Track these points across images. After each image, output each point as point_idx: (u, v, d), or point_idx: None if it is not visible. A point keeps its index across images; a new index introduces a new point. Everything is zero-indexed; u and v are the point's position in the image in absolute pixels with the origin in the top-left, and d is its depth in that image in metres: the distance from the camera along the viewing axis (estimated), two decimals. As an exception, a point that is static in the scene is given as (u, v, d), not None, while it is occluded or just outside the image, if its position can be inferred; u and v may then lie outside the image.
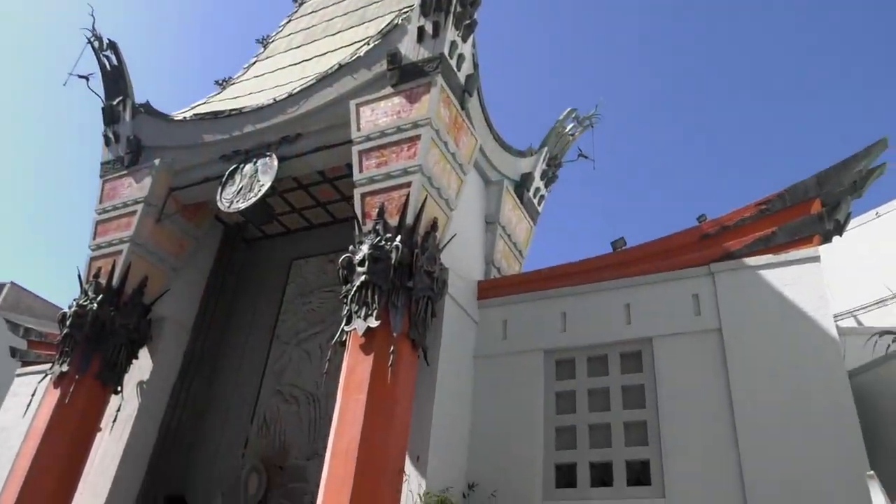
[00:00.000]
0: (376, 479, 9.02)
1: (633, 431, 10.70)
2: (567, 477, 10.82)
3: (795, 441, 9.30)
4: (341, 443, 9.38)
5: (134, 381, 14.06)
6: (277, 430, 13.88)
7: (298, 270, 16.23)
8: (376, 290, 10.31)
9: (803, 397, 9.56)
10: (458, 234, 12.21)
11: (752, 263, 10.92)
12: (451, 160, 12.11)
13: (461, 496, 10.33)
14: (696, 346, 10.74)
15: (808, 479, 8.93)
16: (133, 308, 13.95)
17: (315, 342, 14.66)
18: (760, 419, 9.67)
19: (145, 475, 13.46)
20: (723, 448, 9.74)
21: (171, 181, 14.87)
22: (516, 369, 11.87)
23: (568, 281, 12.35)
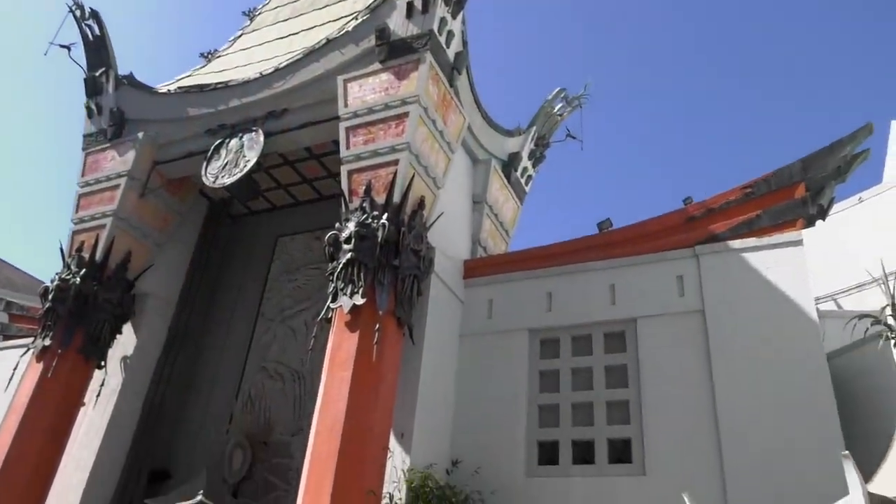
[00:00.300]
0: (361, 456, 9.10)
1: (615, 410, 10.84)
2: (549, 454, 10.97)
3: (774, 421, 9.47)
4: (326, 419, 9.43)
5: (118, 356, 14.01)
6: (262, 407, 13.91)
7: (284, 247, 16.16)
8: (362, 268, 10.30)
9: (783, 378, 9.72)
10: (444, 212, 12.19)
11: (736, 246, 11.02)
12: (438, 138, 12.06)
13: (445, 473, 10.44)
14: (679, 326, 10.86)
15: (785, 459, 9.11)
16: (116, 283, 13.85)
17: (300, 319, 14.66)
18: (740, 399, 9.83)
19: (129, 449, 13.48)
20: (703, 427, 9.90)
21: (155, 155, 14.69)
22: (501, 348, 11.96)
23: (554, 261, 12.41)
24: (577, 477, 10.46)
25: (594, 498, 10.11)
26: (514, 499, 10.25)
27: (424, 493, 9.67)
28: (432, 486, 9.77)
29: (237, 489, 12.82)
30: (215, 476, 12.82)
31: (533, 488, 10.48)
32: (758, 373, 9.91)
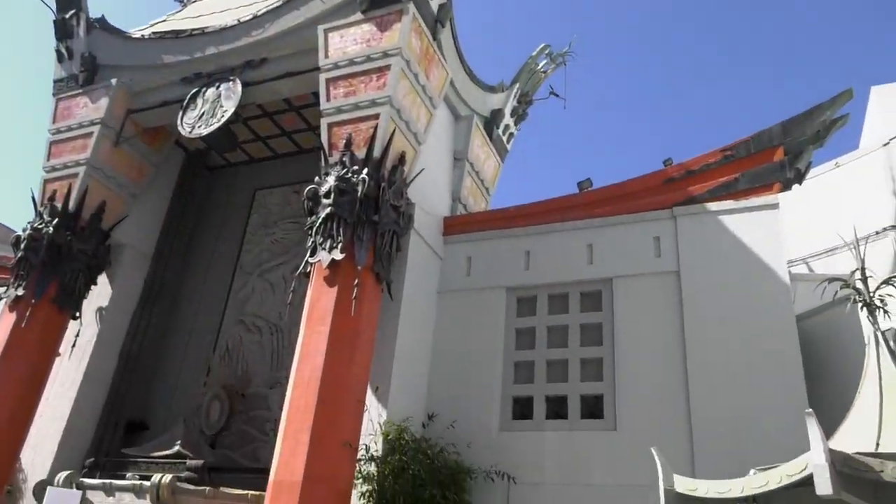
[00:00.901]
0: (338, 409, 9.21)
1: (588, 368, 11.05)
2: (524, 409, 11.20)
3: (742, 380, 9.74)
4: (304, 372, 9.49)
5: (93, 307, 13.90)
6: (240, 359, 13.96)
7: (262, 200, 16.00)
8: (341, 223, 10.25)
9: (752, 339, 9.95)
10: (425, 168, 12.11)
11: (714, 208, 11.12)
12: (420, 93, 11.88)
13: (421, 426, 10.62)
14: (654, 287, 11.02)
15: (751, 416, 9.40)
16: (91, 233, 13.65)
17: (278, 273, 14.62)
18: (710, 359, 10.07)
19: (106, 400, 13.50)
20: (673, 385, 10.15)
21: (128, 103, 14.32)
22: (479, 305, 12.06)
23: (533, 220, 12.44)
24: (549, 431, 10.71)
25: (566, 452, 10.38)
26: (489, 452, 10.48)
27: (400, 446, 9.84)
28: (408, 439, 9.94)
29: (215, 440, 12.93)
30: (193, 427, 12.92)
31: (507, 442, 10.72)
32: (729, 333, 10.13)
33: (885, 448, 5.90)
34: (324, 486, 8.70)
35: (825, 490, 5.05)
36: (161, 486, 9.97)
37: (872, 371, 6.88)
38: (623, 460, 9.82)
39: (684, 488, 6.48)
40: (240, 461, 12.48)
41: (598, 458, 10.13)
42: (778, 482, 5.60)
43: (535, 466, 10.40)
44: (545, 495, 10.15)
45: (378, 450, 9.86)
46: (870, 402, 6.65)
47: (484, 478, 10.12)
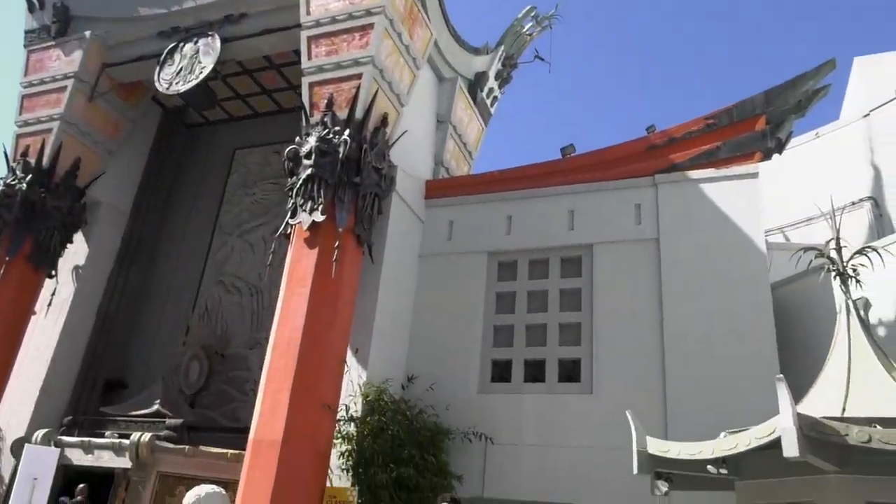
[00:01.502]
0: (318, 370, 9.25)
1: (567, 332, 11.19)
2: (502, 372, 11.34)
3: (716, 346, 9.93)
4: (284, 334, 9.50)
5: (69, 265, 13.73)
6: (219, 319, 13.93)
7: (242, 160, 15.78)
8: (322, 184, 10.15)
9: (728, 306, 10.12)
10: (408, 131, 11.99)
11: (695, 177, 11.18)
12: (404, 53, 11.69)
13: (400, 388, 10.72)
14: (633, 254, 11.11)
15: (724, 382, 9.61)
16: (66, 190, 13.39)
17: (258, 234, 14.51)
18: (686, 325, 10.24)
19: (83, 359, 13.43)
20: (649, 350, 10.33)
21: (103, 56, 13.92)
22: (459, 269, 12.09)
23: (515, 185, 12.42)
24: (527, 394, 10.88)
25: (543, 414, 10.57)
26: (467, 413, 10.63)
27: (380, 407, 9.94)
28: (387, 401, 10.04)
29: (194, 400, 12.98)
30: (171, 387, 12.93)
31: (485, 404, 10.87)
32: (705, 300, 10.29)
33: (850, 413, 6.09)
34: (303, 446, 8.79)
35: (791, 452, 5.21)
36: (140, 444, 10.03)
37: (842, 339, 7.05)
38: (599, 423, 10.03)
39: (657, 450, 6.65)
40: (219, 420, 12.55)
41: (574, 420, 10.33)
42: (747, 444, 5.77)
43: (513, 428, 10.58)
44: (522, 456, 10.36)
45: (357, 410, 9.96)
46: (838, 369, 6.83)
47: (462, 439, 10.29)
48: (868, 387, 6.46)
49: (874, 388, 6.42)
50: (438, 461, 9.90)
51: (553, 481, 10.02)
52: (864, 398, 6.33)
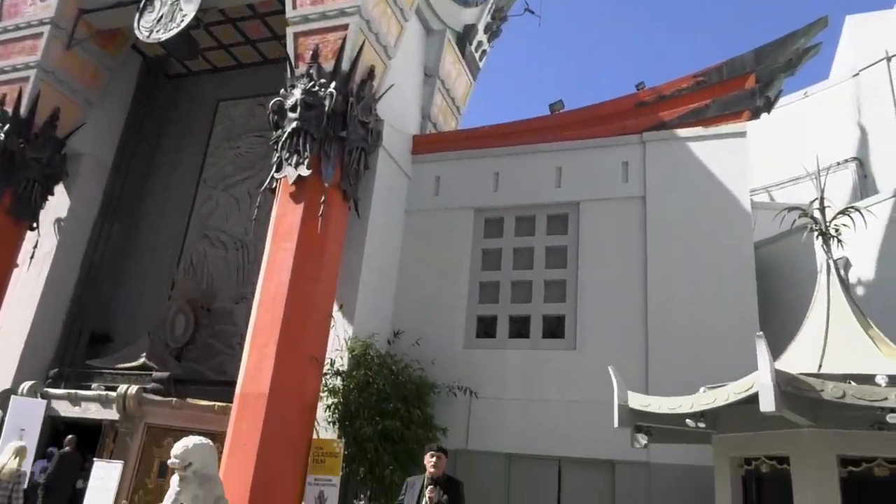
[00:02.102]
0: (304, 324, 9.29)
1: (552, 289, 11.29)
2: (487, 328, 11.46)
3: (698, 304, 10.07)
4: (269, 288, 9.50)
5: (51, 217, 13.55)
6: (205, 274, 13.89)
7: (226, 112, 15.49)
8: (308, 138, 10.02)
9: (711, 264, 10.24)
10: (395, 84, 11.80)
11: (683, 135, 11.15)
12: (391, 3, 11.40)
13: (386, 342, 10.82)
14: (620, 212, 11.15)
15: (705, 339, 9.78)
16: (45, 141, 13.11)
17: (243, 188, 14.36)
18: (670, 282, 10.36)
19: (68, 312, 13.39)
20: (632, 307, 10.46)
21: (80, 2, 13.46)
22: (446, 225, 12.08)
23: (502, 141, 12.33)
24: (512, 350, 11.02)
25: (527, 369, 10.73)
26: (452, 368, 10.77)
27: (366, 361, 10.05)
28: (373, 355, 10.15)
29: (180, 353, 13.02)
30: (157, 340, 12.95)
31: (470, 359, 11.01)
32: (689, 259, 10.39)
33: (826, 370, 6.24)
34: (290, 399, 8.89)
35: (768, 407, 5.34)
36: (127, 396, 10.08)
37: (821, 298, 7.17)
38: (581, 378, 10.21)
39: (638, 404, 6.79)
40: (206, 374, 12.62)
41: (557, 375, 10.50)
42: (725, 399, 5.90)
43: (497, 382, 10.75)
44: (506, 410, 10.55)
45: (344, 365, 10.06)
46: (816, 327, 6.96)
47: (447, 393, 10.45)
48: (844, 345, 6.60)
49: (850, 346, 6.56)
50: (423, 414, 10.06)
51: (536, 434, 10.24)
52: (840, 355, 6.47)
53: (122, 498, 9.21)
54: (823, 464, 5.98)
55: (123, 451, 9.89)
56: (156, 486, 9.78)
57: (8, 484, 6.29)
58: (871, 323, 6.88)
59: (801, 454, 6.13)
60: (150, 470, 10.00)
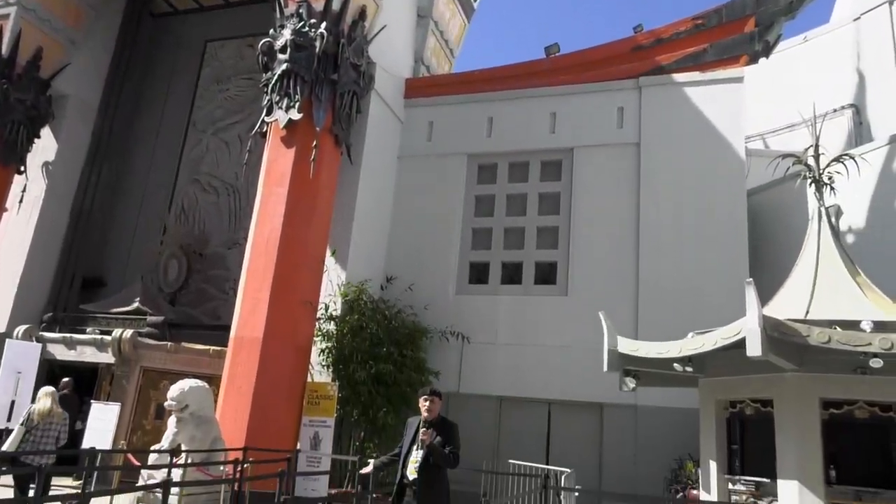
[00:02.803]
0: (297, 269, 9.30)
1: (545, 236, 11.32)
2: (480, 274, 11.54)
3: (690, 250, 10.14)
4: (262, 234, 9.47)
5: (38, 161, 13.35)
6: (196, 219, 13.82)
7: (214, 53, 15.13)
8: (298, 81, 9.81)
9: (704, 211, 10.26)
10: (387, 25, 11.50)
11: (679, 80, 11.00)
12: (383, -60, 11.03)
13: (379, 288, 10.88)
14: (614, 158, 11.08)
15: (695, 285, 9.89)
16: (30, 82, 12.80)
17: (233, 132, 14.15)
18: (662, 229, 10.40)
19: (60, 256, 13.34)
20: (624, 254, 10.52)
21: (59, -65, 12.95)
22: (439, 171, 12.00)
23: (497, 85, 12.14)
24: (504, 296, 11.12)
25: (519, 314, 10.86)
26: (445, 313, 10.88)
27: (359, 306, 10.13)
28: (366, 300, 10.22)
29: (174, 298, 13.08)
30: (151, 285, 12.98)
31: (462, 304, 11.12)
32: (682, 205, 10.40)
33: (813, 316, 6.33)
34: (284, 343, 8.98)
35: (755, 352, 5.45)
36: (122, 340, 10.16)
37: (812, 245, 7.23)
38: (572, 323, 10.34)
39: (627, 349, 6.91)
40: (200, 318, 12.71)
41: (548, 321, 10.63)
42: (713, 344, 6.01)
43: (489, 328, 10.89)
44: (497, 354, 10.72)
45: (337, 310, 10.14)
46: (805, 274, 7.04)
47: (440, 337, 10.59)
48: (832, 291, 6.69)
49: (837, 293, 6.65)
50: (416, 358, 10.22)
51: (526, 378, 10.44)
52: (827, 302, 6.57)
53: (120, 438, 9.38)
54: (806, 406, 6.15)
55: (120, 394, 10.02)
56: (153, 427, 9.97)
57: (56, 425, 6.59)
58: (858, 270, 6.96)
59: (784, 397, 6.29)
60: (148, 412, 10.16)
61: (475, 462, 8.99)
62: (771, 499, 6.21)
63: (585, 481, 9.20)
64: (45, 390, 7.04)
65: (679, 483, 8.28)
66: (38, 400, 6.89)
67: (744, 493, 6.50)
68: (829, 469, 6.04)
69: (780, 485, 6.13)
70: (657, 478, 8.91)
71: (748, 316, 5.56)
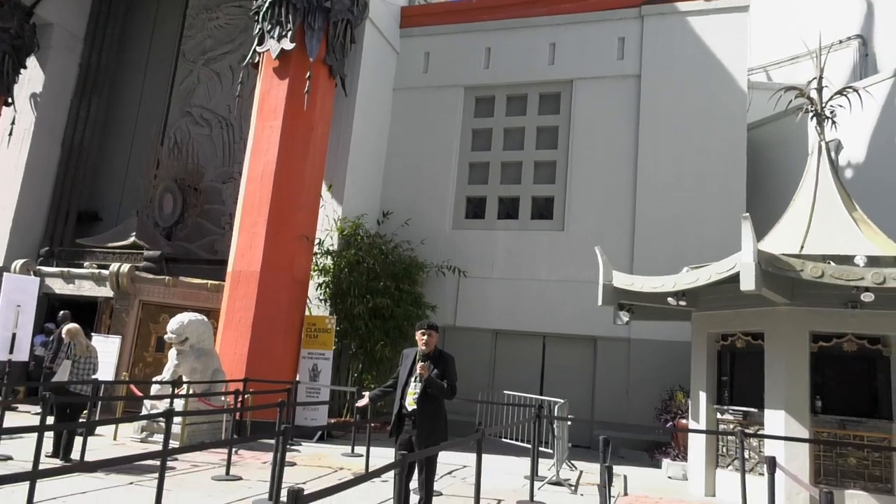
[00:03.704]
0: (293, 203, 9.26)
1: (542, 170, 11.23)
2: (476, 209, 11.51)
3: (688, 185, 10.09)
4: (257, 167, 9.38)
5: (26, 92, 13.05)
6: (190, 152, 13.64)
7: (202, -21, 14.58)
8: (290, 8, 9.51)
9: (703, 144, 10.16)
10: (382, -50, 11.08)
11: (683, 9, 10.69)
12: None
13: (376, 223, 10.88)
14: (614, 91, 10.88)
15: (692, 220, 9.90)
16: (11, 10, 12.37)
17: (224, 62, 13.79)
18: (660, 163, 10.32)
19: (53, 191, 13.23)
20: (622, 188, 10.48)
21: None
22: (435, 104, 11.79)
23: (495, 14, 11.78)
24: (500, 230, 11.13)
25: (515, 249, 10.89)
26: (441, 248, 10.92)
27: (355, 241, 10.15)
28: (363, 235, 10.24)
29: (170, 233, 13.05)
30: (147, 220, 12.92)
31: (459, 239, 11.14)
32: (681, 138, 10.29)
33: (808, 250, 6.36)
34: (281, 277, 9.03)
35: (748, 286, 5.49)
36: (120, 274, 10.19)
37: (810, 179, 7.19)
38: (568, 258, 10.40)
39: (622, 283, 6.96)
40: (197, 253, 12.72)
41: (545, 255, 10.68)
42: (708, 279, 6.05)
43: (486, 262, 10.95)
44: (494, 288, 10.81)
45: (334, 244, 10.16)
46: (802, 209, 7.03)
47: (436, 272, 10.66)
48: (828, 226, 6.70)
49: (833, 228, 6.66)
50: (413, 292, 10.32)
51: (522, 312, 10.57)
52: (822, 236, 6.59)
53: (122, 370, 9.54)
54: (796, 339, 6.25)
55: (120, 327, 10.13)
56: (154, 360, 10.13)
57: (93, 358, 6.75)
58: (855, 205, 6.95)
59: (775, 330, 6.38)
60: (148, 344, 10.30)
61: (471, 393, 9.21)
62: (757, 427, 6.40)
63: (578, 412, 9.46)
64: (73, 326, 7.15)
65: (668, 413, 8.51)
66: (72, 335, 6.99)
67: (731, 422, 6.69)
68: (816, 399, 6.20)
69: (767, 414, 6.30)
70: (648, 408, 9.16)
71: (743, 250, 5.58)
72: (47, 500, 4.65)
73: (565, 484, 6.68)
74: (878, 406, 6.10)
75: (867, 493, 5.87)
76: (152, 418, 7.36)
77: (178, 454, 6.25)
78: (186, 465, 6.36)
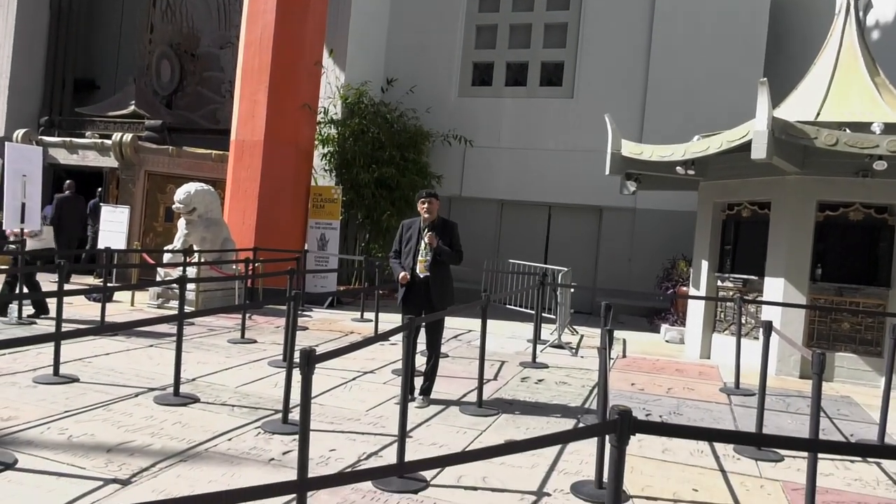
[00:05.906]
0: (293, 70, 8.95)
1: (553, 33, 10.73)
2: (483, 75, 11.14)
3: (704, 48, 9.66)
4: (254, 31, 8.98)
5: (5, -51, 12.30)
6: (184, 16, 13.03)
7: None
8: None
9: (722, 8, 9.62)
10: None
11: None
12: None
13: (380, 90, 10.57)
14: (631, -56, 10.15)
15: (706, 87, 9.56)
16: None
17: (214, -85, 12.84)
18: (677, 25, 9.82)
19: (46, 57, 12.79)
20: (635, 52, 10.05)
21: None
22: (441, -40, 11.08)
23: None
24: (508, 98, 10.83)
25: (523, 117, 10.65)
26: (448, 116, 10.68)
27: (360, 110, 9.92)
28: (367, 103, 9.99)
29: (170, 101, 12.77)
30: (146, 88, 12.59)
31: (466, 107, 10.86)
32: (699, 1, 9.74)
33: (824, 118, 6.19)
34: (286, 146, 8.91)
35: (759, 154, 5.39)
36: (123, 144, 10.07)
37: (834, 41, 6.85)
38: (577, 127, 10.18)
39: (630, 152, 6.85)
40: (198, 122, 12.52)
41: (553, 124, 10.46)
42: (719, 147, 5.94)
43: (492, 131, 10.74)
44: (500, 158, 10.69)
45: (337, 113, 9.95)
46: (823, 73, 6.76)
47: (442, 141, 10.49)
48: (847, 92, 6.47)
49: (852, 94, 6.44)
50: (418, 161, 10.23)
51: (528, 182, 10.52)
52: (840, 102, 6.38)
53: (133, 240, 9.69)
54: (802, 208, 6.24)
55: (128, 197, 10.15)
56: (164, 229, 10.25)
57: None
58: (878, 70, 6.67)
59: (783, 199, 6.35)
60: (157, 215, 10.38)
61: (477, 261, 9.37)
62: (756, 294, 6.54)
63: (582, 279, 9.66)
64: None
65: (670, 281, 8.69)
66: None
67: (731, 289, 6.83)
68: (816, 267, 6.29)
69: (767, 282, 6.42)
70: (650, 277, 9.34)
71: (758, 117, 5.42)
72: (73, 360, 4.89)
73: (566, 347, 6.96)
74: (878, 274, 6.19)
75: (857, 356, 6.10)
76: (166, 284, 7.58)
77: (195, 317, 6.49)
78: (203, 329, 6.63)
